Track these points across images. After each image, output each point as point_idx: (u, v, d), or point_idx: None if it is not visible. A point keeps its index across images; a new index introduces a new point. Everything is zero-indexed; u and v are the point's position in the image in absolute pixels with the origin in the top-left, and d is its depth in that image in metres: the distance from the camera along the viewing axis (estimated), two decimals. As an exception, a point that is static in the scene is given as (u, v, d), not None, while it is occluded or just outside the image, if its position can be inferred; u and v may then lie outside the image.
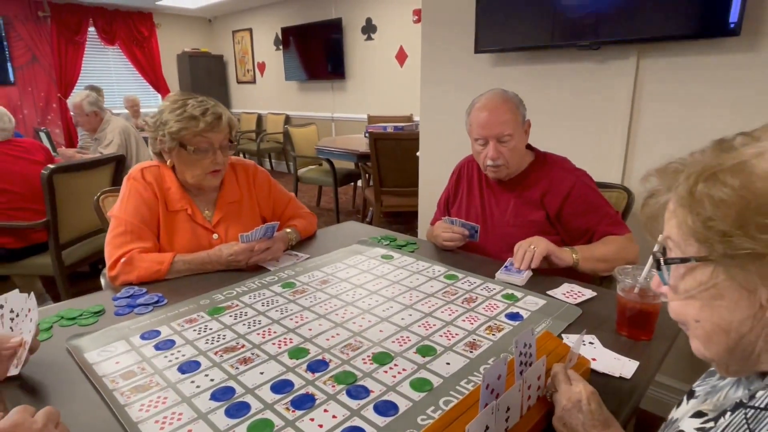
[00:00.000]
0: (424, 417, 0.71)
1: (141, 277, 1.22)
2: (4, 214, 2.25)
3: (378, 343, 0.92)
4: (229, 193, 1.46)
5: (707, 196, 0.46)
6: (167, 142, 1.32)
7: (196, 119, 1.29)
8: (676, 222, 0.50)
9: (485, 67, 2.12)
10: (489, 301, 1.10)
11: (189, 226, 1.37)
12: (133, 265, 1.22)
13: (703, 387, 0.60)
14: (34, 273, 2.44)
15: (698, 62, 1.59)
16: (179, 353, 0.89)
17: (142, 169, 1.37)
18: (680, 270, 0.51)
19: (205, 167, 1.34)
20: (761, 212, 0.43)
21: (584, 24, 1.78)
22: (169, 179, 1.38)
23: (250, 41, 7.25)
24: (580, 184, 1.40)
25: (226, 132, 1.36)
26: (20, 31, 6.07)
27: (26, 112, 6.26)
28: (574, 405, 0.65)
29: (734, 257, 0.45)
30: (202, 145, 1.32)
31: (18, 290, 0.79)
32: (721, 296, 0.48)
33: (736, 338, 0.48)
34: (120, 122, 3.38)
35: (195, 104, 1.31)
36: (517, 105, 1.39)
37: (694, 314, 0.51)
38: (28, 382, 0.81)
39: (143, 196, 1.33)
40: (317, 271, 1.28)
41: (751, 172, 0.44)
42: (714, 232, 0.45)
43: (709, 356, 0.52)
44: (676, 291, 0.53)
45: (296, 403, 0.74)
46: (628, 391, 0.80)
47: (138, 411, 0.73)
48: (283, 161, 7.16)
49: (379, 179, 3.31)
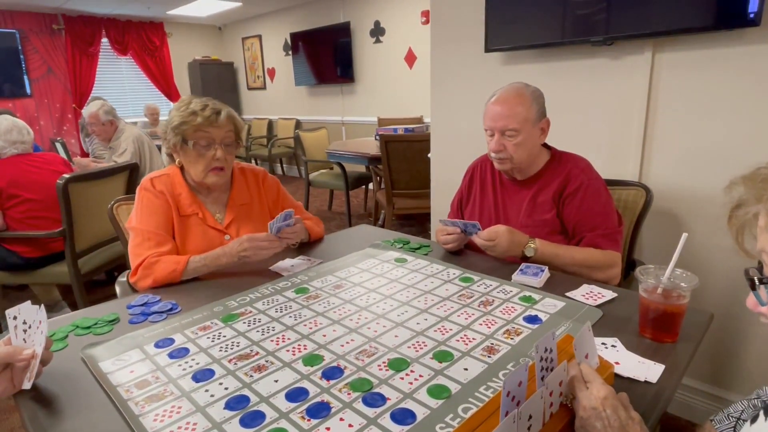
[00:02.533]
0: (442, 425, 0.69)
1: (158, 279, 1.24)
2: (24, 223, 2.29)
3: (394, 349, 0.90)
4: (240, 195, 1.50)
5: None
6: (171, 138, 1.37)
7: (195, 114, 1.34)
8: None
9: (496, 66, 2.10)
10: (506, 303, 1.08)
11: (201, 230, 1.39)
12: (151, 269, 1.25)
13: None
14: (51, 282, 2.47)
15: (716, 55, 1.55)
16: (193, 361, 0.88)
17: (151, 178, 1.41)
18: None
19: (206, 163, 1.37)
20: None
21: (597, 19, 1.75)
22: (179, 185, 1.41)
23: (260, 47, 7.30)
24: (590, 186, 1.36)
25: (228, 129, 1.39)
26: (36, 44, 6.19)
27: (42, 123, 6.38)
28: (591, 414, 0.63)
29: None
30: (202, 141, 1.35)
31: (30, 302, 0.78)
32: None
33: None
34: (134, 131, 3.42)
35: (197, 102, 1.38)
36: (532, 100, 1.36)
37: None
38: (43, 393, 0.80)
39: (156, 203, 1.36)
40: (330, 276, 1.27)
41: None
42: None
43: None
44: None
45: (312, 411, 0.73)
46: (653, 396, 0.77)
47: (152, 421, 0.72)
48: (294, 166, 7.18)
49: (390, 182, 3.30)
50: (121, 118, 3.48)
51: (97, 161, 3.62)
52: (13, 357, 0.75)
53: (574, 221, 1.37)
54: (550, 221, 1.39)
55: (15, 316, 0.77)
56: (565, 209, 1.38)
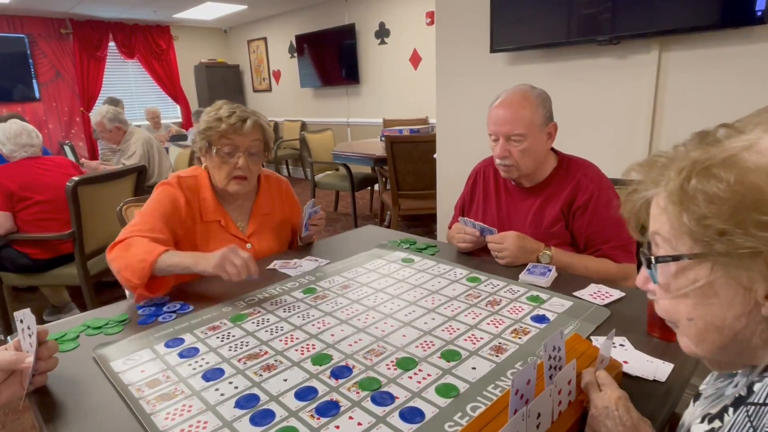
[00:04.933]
0: (451, 424, 0.70)
1: (127, 266, 1.14)
2: (34, 225, 2.31)
3: (402, 348, 0.91)
4: (264, 205, 1.49)
5: (701, 192, 0.44)
6: (198, 141, 1.37)
7: (221, 120, 1.33)
8: (667, 218, 0.49)
9: (501, 66, 2.10)
10: (513, 303, 1.08)
11: (222, 237, 1.38)
12: (127, 249, 1.17)
13: (709, 389, 0.58)
14: (61, 283, 2.50)
15: (723, 53, 1.55)
16: (203, 361, 0.89)
17: (179, 176, 1.39)
18: (671, 268, 0.49)
19: (228, 171, 1.35)
20: (757, 208, 0.41)
21: (602, 18, 1.75)
22: (204, 189, 1.39)
23: (265, 50, 7.34)
24: (600, 197, 1.31)
25: (254, 137, 1.37)
26: (44, 49, 6.26)
27: (51, 126, 6.45)
28: (602, 412, 0.64)
29: (732, 255, 0.43)
30: (225, 148, 1.34)
31: (29, 309, 0.79)
32: (715, 294, 0.47)
33: (730, 335, 0.47)
34: (143, 134, 3.45)
35: (227, 108, 1.36)
36: (538, 103, 1.32)
37: (687, 312, 0.49)
38: (56, 392, 0.81)
39: (173, 197, 1.33)
40: (338, 276, 1.28)
41: (743, 166, 0.43)
42: (711, 230, 0.44)
43: (701, 354, 0.51)
44: (667, 289, 0.51)
45: (321, 410, 0.74)
46: (662, 395, 0.77)
47: (164, 420, 0.73)
48: (300, 167, 7.21)
49: (396, 183, 3.30)
50: (129, 122, 3.51)
51: (105, 164, 3.65)
52: (16, 364, 0.75)
53: (586, 234, 1.33)
54: (558, 233, 1.35)
55: (21, 319, 0.78)
56: (575, 222, 1.34)
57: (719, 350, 0.49)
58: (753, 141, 0.44)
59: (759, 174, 0.42)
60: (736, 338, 0.47)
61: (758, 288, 0.44)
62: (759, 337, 0.46)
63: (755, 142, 0.44)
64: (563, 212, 1.36)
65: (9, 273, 2.36)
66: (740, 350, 0.48)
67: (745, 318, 0.46)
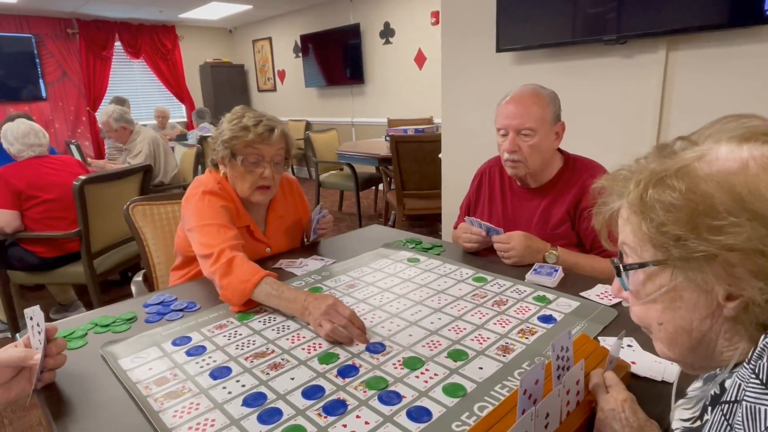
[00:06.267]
0: (458, 423, 0.70)
1: (228, 286, 1.09)
2: (42, 223, 2.33)
3: (408, 348, 0.91)
4: (278, 207, 1.49)
5: (658, 202, 0.47)
6: (220, 150, 1.31)
7: (248, 129, 1.28)
8: (630, 229, 0.52)
9: (507, 65, 2.10)
10: (520, 303, 1.08)
11: (249, 243, 1.37)
12: (231, 267, 1.12)
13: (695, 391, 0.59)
14: (67, 281, 2.51)
15: (731, 53, 1.54)
16: (210, 359, 0.89)
17: (214, 184, 1.33)
18: (640, 275, 0.52)
19: (253, 181, 1.32)
20: (709, 214, 0.44)
21: (609, 17, 1.74)
22: (230, 198, 1.35)
23: (270, 50, 7.36)
24: None
25: (279, 147, 1.33)
26: (51, 49, 6.30)
27: (57, 126, 6.49)
28: (608, 414, 0.64)
29: (689, 260, 0.46)
30: (251, 157, 1.30)
31: (38, 306, 0.80)
32: (680, 298, 0.49)
33: (698, 337, 0.50)
34: (149, 133, 3.47)
35: (251, 116, 1.31)
36: (548, 102, 1.32)
37: (657, 317, 0.52)
38: (65, 389, 0.82)
39: (223, 204, 1.29)
40: (343, 276, 1.28)
41: (695, 175, 0.46)
42: (668, 236, 0.47)
43: (674, 357, 0.53)
44: (637, 296, 0.54)
45: (328, 409, 0.74)
46: (671, 396, 0.76)
47: (172, 417, 0.73)
48: (304, 167, 7.22)
49: (401, 182, 3.30)
50: (136, 121, 3.53)
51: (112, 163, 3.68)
52: (25, 360, 0.76)
53: (592, 235, 1.33)
54: (564, 234, 1.35)
55: (31, 316, 0.79)
56: (582, 223, 1.34)
57: (690, 352, 0.51)
58: (704, 152, 0.47)
59: (708, 182, 0.45)
60: (704, 339, 0.50)
61: (719, 290, 0.46)
62: (723, 337, 0.49)
63: (706, 152, 0.47)
64: (569, 213, 1.35)
65: (17, 271, 2.38)
66: (709, 351, 0.50)
67: (710, 319, 0.48)
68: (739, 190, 0.43)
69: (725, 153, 0.46)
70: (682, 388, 0.74)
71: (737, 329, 0.48)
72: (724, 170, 0.45)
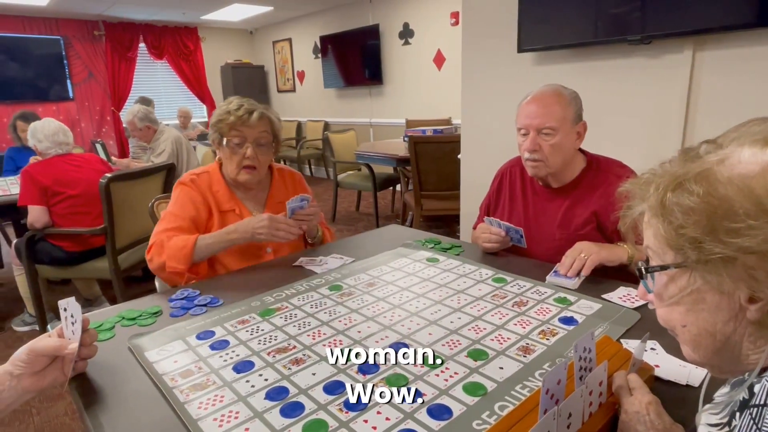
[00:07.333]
0: (479, 422, 0.70)
1: (170, 256, 1.30)
2: (67, 218, 2.41)
3: (428, 346, 0.91)
4: (278, 193, 1.56)
5: (676, 205, 0.48)
6: (212, 134, 1.47)
7: (229, 113, 1.42)
8: (652, 232, 0.53)
9: (528, 66, 2.08)
10: (541, 304, 1.07)
11: None
12: (162, 246, 1.33)
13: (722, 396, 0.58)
14: (92, 276, 2.58)
15: (761, 53, 1.50)
16: (233, 353, 0.91)
17: (191, 175, 1.48)
18: (663, 278, 0.53)
19: (238, 161, 1.43)
20: (727, 217, 0.44)
21: (633, 17, 1.72)
22: (216, 182, 1.48)
23: (290, 51, 7.43)
24: None
25: (261, 129, 1.44)
26: (78, 50, 6.47)
27: (83, 125, 6.66)
28: (632, 416, 0.63)
29: (707, 262, 0.46)
30: (234, 139, 1.43)
31: (74, 298, 0.82)
32: (702, 300, 0.49)
33: (722, 340, 0.50)
34: (173, 133, 3.54)
35: (236, 102, 1.45)
36: (569, 101, 1.31)
37: (680, 319, 0.52)
38: (94, 380, 0.85)
39: (191, 196, 1.43)
40: (363, 274, 1.29)
41: (714, 179, 0.46)
42: (686, 239, 0.47)
43: (699, 360, 0.54)
44: (661, 298, 0.54)
45: (349, 404, 0.75)
46: (696, 401, 0.75)
47: (197, 409, 0.75)
48: (322, 167, 7.27)
49: (419, 183, 3.31)
50: (160, 121, 3.60)
51: (136, 161, 3.76)
52: (60, 350, 0.79)
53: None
54: (588, 235, 1.32)
55: (65, 308, 0.82)
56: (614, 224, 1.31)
57: (715, 355, 0.51)
58: (726, 155, 0.48)
59: (728, 186, 0.45)
60: (728, 342, 0.49)
61: (740, 293, 0.46)
62: (748, 340, 0.49)
63: (728, 156, 0.47)
64: (595, 214, 1.32)
65: (45, 266, 2.45)
66: (735, 354, 0.50)
67: (733, 322, 0.48)
68: (759, 193, 0.43)
69: (747, 156, 0.46)
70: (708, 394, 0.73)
71: (762, 332, 0.48)
72: (744, 174, 0.45)
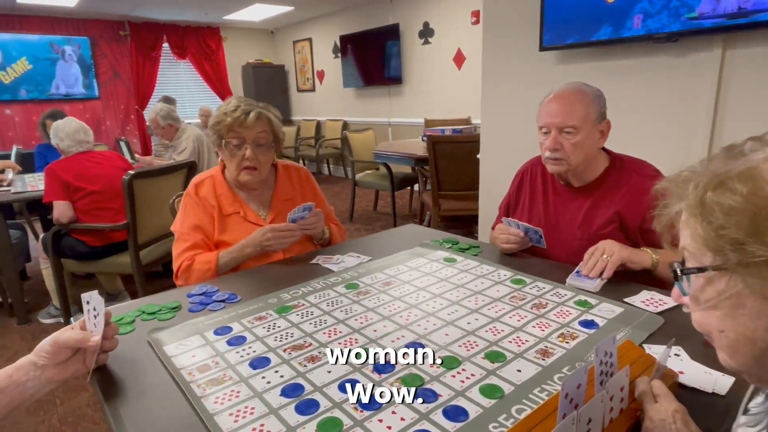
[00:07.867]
0: (496, 425, 0.69)
1: (198, 278, 1.35)
2: (90, 214, 2.47)
3: (444, 347, 0.90)
4: (284, 192, 1.56)
5: (717, 205, 0.45)
6: (212, 136, 1.47)
7: (226, 114, 1.42)
8: (689, 232, 0.50)
9: (550, 65, 2.05)
10: (560, 307, 1.05)
11: (243, 227, 1.46)
12: (189, 271, 1.38)
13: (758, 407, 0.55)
14: (115, 271, 2.64)
15: (795, 50, 1.45)
16: (250, 349, 0.91)
17: (195, 184, 1.50)
18: (699, 280, 0.50)
19: (237, 162, 1.44)
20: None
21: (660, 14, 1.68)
22: (219, 185, 1.49)
23: (310, 50, 7.47)
24: None
25: (259, 129, 1.43)
26: (104, 50, 6.63)
27: (108, 123, 6.81)
28: (658, 424, 0.61)
29: (749, 265, 0.44)
30: (233, 140, 1.43)
31: (97, 291, 0.84)
32: (742, 305, 0.46)
33: (763, 347, 0.47)
34: (194, 131, 3.59)
35: (234, 102, 1.45)
36: (592, 99, 1.28)
37: (717, 324, 0.49)
38: (115, 372, 0.86)
39: (197, 205, 1.45)
40: (380, 273, 1.28)
41: (760, 177, 0.44)
42: (726, 240, 0.45)
43: (737, 367, 0.50)
44: (697, 302, 0.52)
45: (364, 403, 0.74)
46: (722, 410, 0.73)
47: (213, 403, 0.75)
48: (340, 166, 7.29)
49: (437, 183, 3.29)
50: (182, 120, 3.66)
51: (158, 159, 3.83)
52: (83, 342, 0.80)
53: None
54: (610, 234, 1.28)
55: (88, 301, 0.83)
56: (647, 228, 1.26)
57: (754, 362, 0.48)
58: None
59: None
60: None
61: None
62: None
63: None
64: (618, 213, 1.29)
65: (69, 260, 2.52)
66: None
67: None
68: None
69: None
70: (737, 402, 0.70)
71: None
72: None
